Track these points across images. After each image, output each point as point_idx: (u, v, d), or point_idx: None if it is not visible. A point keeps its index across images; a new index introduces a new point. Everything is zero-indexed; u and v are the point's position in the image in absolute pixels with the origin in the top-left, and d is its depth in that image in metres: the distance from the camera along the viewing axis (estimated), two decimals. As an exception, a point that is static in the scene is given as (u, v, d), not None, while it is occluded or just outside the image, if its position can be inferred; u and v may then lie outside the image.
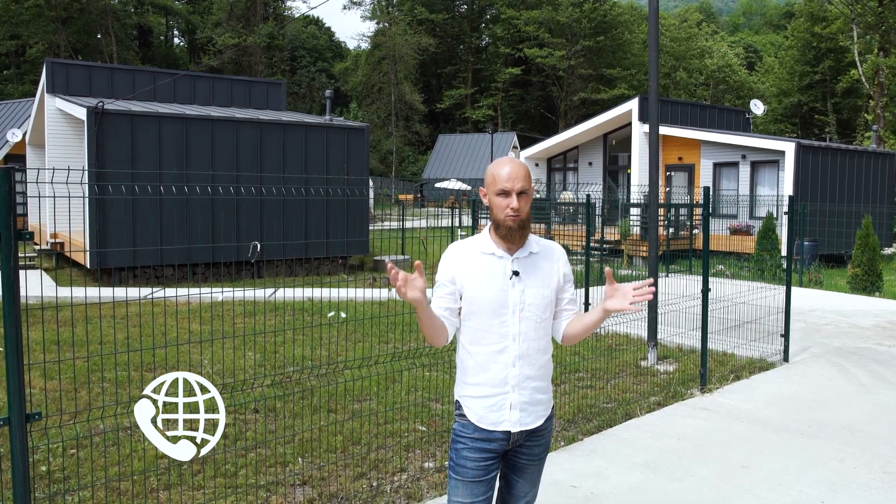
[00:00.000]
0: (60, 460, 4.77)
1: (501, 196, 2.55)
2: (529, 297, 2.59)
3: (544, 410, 2.69)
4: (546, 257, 2.66)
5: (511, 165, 2.57)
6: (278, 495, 4.31)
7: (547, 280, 2.64)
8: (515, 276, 2.58)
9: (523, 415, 2.61)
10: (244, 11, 55.56)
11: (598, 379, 6.99)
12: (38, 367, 6.77)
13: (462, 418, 2.68)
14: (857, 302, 12.28)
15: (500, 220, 2.55)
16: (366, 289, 12.77)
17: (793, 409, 6.19)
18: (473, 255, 2.63)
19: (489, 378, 2.61)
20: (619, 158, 24.80)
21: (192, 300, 10.47)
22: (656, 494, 4.43)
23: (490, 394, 2.61)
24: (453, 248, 2.68)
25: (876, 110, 32.49)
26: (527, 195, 2.57)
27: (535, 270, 2.62)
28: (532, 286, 2.60)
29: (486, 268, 2.60)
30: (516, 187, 2.54)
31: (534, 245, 2.65)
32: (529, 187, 2.57)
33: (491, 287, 2.58)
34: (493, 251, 2.61)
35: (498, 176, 2.56)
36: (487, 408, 2.62)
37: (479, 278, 2.59)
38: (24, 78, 48.01)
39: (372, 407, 5.99)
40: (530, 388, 2.62)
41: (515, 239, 2.57)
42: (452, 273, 2.62)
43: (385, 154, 55.15)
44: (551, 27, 55.46)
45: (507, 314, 2.57)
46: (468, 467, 2.63)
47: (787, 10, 66.02)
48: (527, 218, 2.57)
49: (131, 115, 13.28)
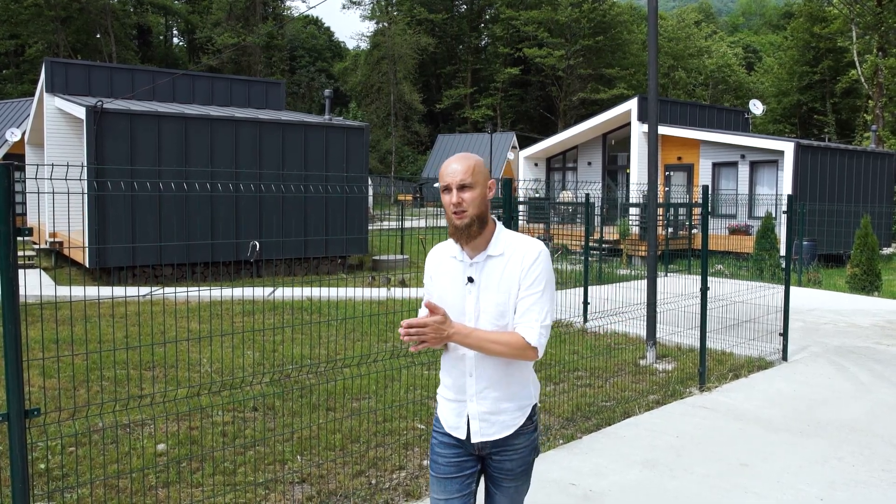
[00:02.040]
0: (59, 458, 4.76)
1: (445, 193, 2.42)
2: (483, 304, 2.46)
3: (511, 420, 2.51)
4: (511, 260, 2.44)
5: (455, 160, 2.43)
6: (277, 493, 4.31)
7: (504, 286, 2.44)
8: (470, 282, 2.47)
9: (484, 425, 2.50)
10: (243, 11, 55.51)
11: (596, 378, 7.00)
12: (37, 366, 6.77)
13: (437, 411, 2.68)
14: (855, 301, 12.29)
15: (448, 218, 2.43)
16: (364, 288, 12.77)
17: (792, 407, 6.20)
18: (444, 258, 2.57)
19: (451, 384, 2.57)
20: (619, 158, 24.81)
21: (191, 299, 10.47)
22: (655, 492, 4.43)
23: (452, 398, 2.57)
24: (433, 249, 2.65)
25: (875, 110, 32.50)
26: (473, 189, 2.39)
27: (492, 275, 2.45)
28: (487, 292, 2.45)
29: (450, 272, 2.53)
30: (456, 181, 2.39)
31: (498, 247, 2.46)
32: (476, 181, 2.40)
33: (451, 292, 2.51)
34: (455, 254, 2.52)
35: (441, 174, 2.45)
36: (450, 411, 2.58)
37: (442, 282, 2.55)
38: (24, 77, 47.97)
39: (371, 405, 6.00)
40: (491, 399, 2.49)
41: (462, 239, 2.43)
42: (430, 274, 2.61)
43: (384, 154, 55.12)
44: (550, 27, 55.45)
45: (465, 320, 2.47)
46: (440, 462, 2.59)
47: (786, 11, 66.00)
48: (477, 214, 2.39)
49: (130, 115, 13.27)
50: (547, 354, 7.70)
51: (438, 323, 2.31)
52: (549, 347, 7.89)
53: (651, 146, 8.26)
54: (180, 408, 5.64)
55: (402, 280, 13.63)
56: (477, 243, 2.46)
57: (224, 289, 7.19)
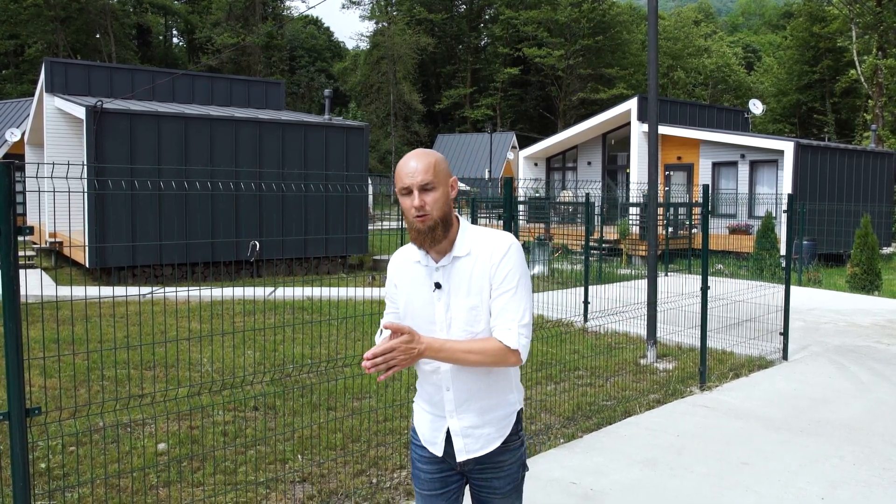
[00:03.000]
0: (60, 457, 4.76)
1: (404, 195, 2.19)
2: (454, 311, 2.23)
3: (496, 433, 2.30)
4: (479, 259, 2.22)
5: (414, 158, 2.19)
6: (278, 492, 4.30)
7: (475, 288, 2.21)
8: (438, 288, 2.24)
9: (468, 441, 2.29)
10: (243, 11, 55.52)
11: (597, 377, 7.00)
12: (37, 366, 6.77)
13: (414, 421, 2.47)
14: (856, 301, 12.29)
15: (410, 222, 2.20)
16: (364, 288, 12.77)
17: (792, 406, 6.19)
18: (407, 263, 2.34)
19: (427, 397, 2.37)
20: (619, 158, 24.81)
21: (191, 299, 10.47)
22: (656, 491, 4.43)
23: (429, 411, 2.37)
24: (395, 255, 2.41)
25: (875, 110, 32.51)
26: (435, 190, 2.17)
27: (460, 279, 2.23)
28: (457, 297, 2.23)
29: (415, 278, 2.30)
30: (416, 181, 2.15)
31: (464, 246, 2.23)
32: (438, 180, 2.18)
33: (417, 300, 2.29)
34: (419, 259, 2.28)
35: (399, 174, 2.20)
36: (427, 423, 2.38)
37: (408, 290, 2.32)
38: (23, 78, 47.97)
39: (371, 404, 6.00)
40: (473, 411, 2.28)
41: (425, 243, 2.20)
42: (394, 281, 2.37)
43: (384, 154, 55.13)
44: (550, 27, 55.47)
45: (435, 330, 2.25)
46: (423, 479, 2.41)
47: (785, 11, 66.04)
48: (441, 216, 2.17)
49: (130, 115, 13.27)
50: (547, 354, 7.70)
51: (406, 343, 2.06)
52: (549, 347, 7.89)
53: (651, 146, 8.26)
54: (181, 407, 5.64)
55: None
56: (442, 246, 2.23)
57: (224, 289, 7.19)
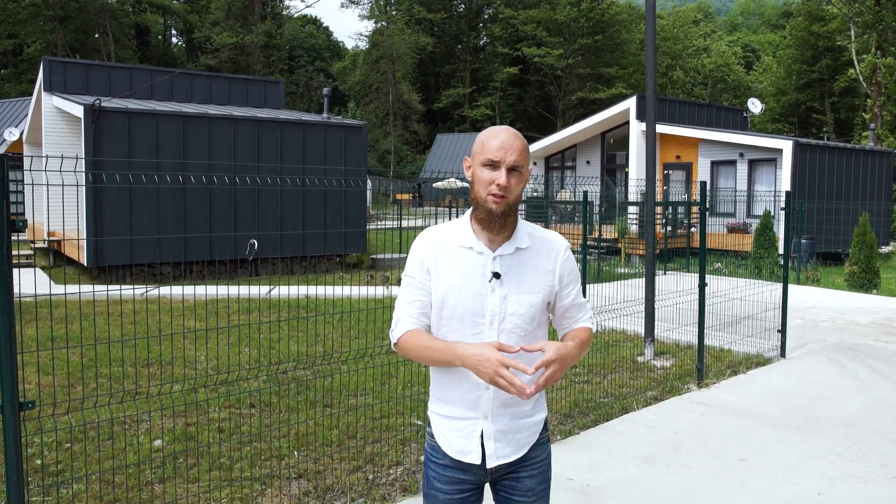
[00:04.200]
0: (55, 454, 4.75)
1: (487, 168, 2.04)
2: (512, 306, 2.08)
3: (528, 438, 2.20)
4: (540, 254, 2.13)
5: (507, 133, 2.05)
6: (274, 488, 4.30)
7: (537, 284, 2.11)
8: (496, 278, 2.07)
9: (499, 445, 2.15)
10: (242, 11, 55.52)
11: (594, 374, 6.99)
12: (33, 364, 6.76)
13: (432, 438, 2.24)
14: (854, 299, 12.29)
15: (481, 198, 2.04)
16: (362, 286, 12.76)
17: (790, 403, 6.19)
18: (448, 247, 2.11)
19: (458, 398, 2.14)
20: (617, 157, 24.80)
21: (188, 297, 10.47)
22: (653, 487, 4.42)
23: (459, 416, 2.15)
24: (426, 235, 2.16)
25: (873, 109, 32.49)
26: (520, 174, 2.06)
27: (522, 272, 2.10)
28: (516, 292, 2.09)
29: (462, 264, 2.09)
30: (508, 160, 2.02)
31: (524, 239, 2.12)
32: (525, 166, 2.07)
33: (465, 289, 2.07)
34: (472, 244, 2.09)
35: (487, 144, 2.04)
36: (456, 432, 2.16)
37: (452, 276, 2.09)
38: (22, 77, 47.96)
39: (368, 401, 5.99)
40: (507, 415, 2.15)
41: (495, 227, 2.06)
42: (427, 265, 2.12)
43: (383, 153, 55.15)
44: (549, 26, 55.48)
45: (483, 325, 2.08)
46: (440, 500, 2.20)
47: (784, 10, 66.13)
48: (514, 203, 2.06)
49: (128, 113, 13.26)
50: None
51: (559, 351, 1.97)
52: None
53: (649, 144, 8.25)
54: (176, 403, 5.63)
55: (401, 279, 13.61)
56: (499, 234, 2.10)
57: (221, 286, 7.18)
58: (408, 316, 2.14)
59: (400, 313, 2.16)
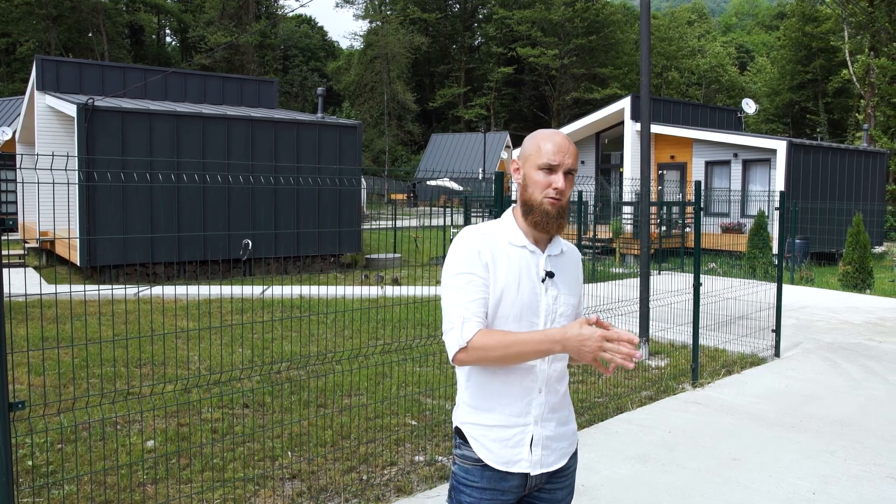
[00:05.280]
0: (46, 455, 4.72)
1: (544, 171, 2.04)
2: (561, 306, 2.11)
3: (569, 446, 2.20)
4: (571, 258, 2.20)
5: (561, 138, 2.07)
6: (267, 489, 4.27)
7: (575, 287, 2.18)
8: (549, 277, 2.07)
9: (545, 453, 2.11)
10: (236, 10, 55.41)
11: (589, 374, 6.98)
12: (24, 365, 6.71)
13: (466, 460, 2.11)
14: (847, 299, 12.32)
15: (537, 202, 2.04)
16: (356, 286, 12.73)
17: (784, 403, 6.19)
18: (501, 244, 2.07)
19: (507, 404, 2.07)
20: (612, 157, 24.83)
21: (182, 297, 10.42)
22: (647, 487, 4.41)
23: (508, 424, 2.08)
24: (475, 231, 2.09)
25: (867, 110, 32.61)
26: (573, 178, 2.09)
27: (567, 273, 2.15)
28: (564, 292, 2.12)
29: (516, 262, 2.06)
30: (566, 164, 2.04)
31: (561, 242, 2.18)
32: (576, 169, 2.09)
33: (523, 288, 2.05)
34: (524, 243, 2.08)
35: (543, 147, 2.05)
36: (502, 442, 2.08)
37: (509, 275, 2.04)
38: (15, 76, 47.77)
39: (362, 401, 5.96)
40: (554, 421, 2.13)
41: (552, 229, 2.06)
42: (485, 259, 2.04)
43: (378, 153, 55.11)
44: (544, 26, 55.55)
45: (537, 324, 2.06)
46: None
47: (778, 11, 66.31)
48: (567, 205, 2.08)
49: (122, 112, 13.20)
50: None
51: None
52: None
53: (644, 144, 8.25)
54: (169, 404, 5.60)
55: (396, 279, 13.59)
56: (545, 236, 2.11)
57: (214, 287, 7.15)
58: (473, 316, 2.00)
59: (461, 313, 2.00)
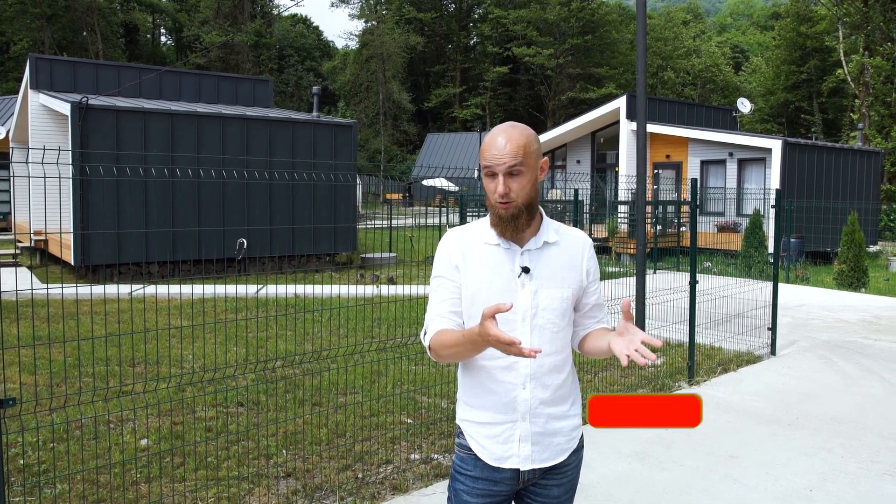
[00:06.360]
0: (38, 453, 4.68)
1: (488, 177, 2.01)
2: (544, 300, 2.06)
3: (566, 442, 2.15)
4: (567, 249, 2.12)
5: (502, 135, 1.99)
6: (262, 487, 4.24)
7: (567, 279, 2.10)
8: (525, 272, 2.04)
9: (536, 449, 2.09)
10: (231, 9, 55.30)
11: (585, 372, 6.96)
12: (16, 364, 6.66)
13: (463, 449, 2.16)
14: (843, 298, 12.33)
15: (491, 205, 2.03)
16: (351, 285, 12.70)
17: (781, 400, 6.18)
18: (475, 244, 2.08)
19: (494, 401, 2.08)
20: (608, 156, 24.84)
21: (177, 296, 10.38)
22: (644, 484, 4.40)
23: (494, 420, 2.09)
24: (451, 234, 2.12)
25: (861, 110, 32.66)
26: (522, 176, 1.99)
27: (551, 266, 2.08)
28: (547, 286, 2.06)
29: (490, 261, 2.05)
30: (504, 163, 1.96)
31: (550, 233, 2.10)
32: (527, 163, 1.98)
33: (495, 285, 2.04)
34: (498, 241, 2.06)
35: (483, 150, 2.01)
36: (493, 438, 2.10)
37: (481, 273, 2.04)
38: (9, 76, 47.53)
39: (357, 400, 5.94)
40: (545, 416, 2.10)
41: (507, 231, 2.02)
42: (455, 261, 2.06)
43: (373, 153, 55.05)
44: (539, 26, 55.55)
45: (515, 321, 2.03)
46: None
47: (773, 12, 66.43)
48: (525, 203, 2.00)
49: (116, 111, 13.14)
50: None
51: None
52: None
53: (639, 143, 8.24)
54: (163, 402, 5.56)
55: (391, 278, 13.56)
56: (524, 232, 2.07)
57: (209, 285, 7.12)
58: (438, 317, 2.06)
59: (430, 315, 2.08)
